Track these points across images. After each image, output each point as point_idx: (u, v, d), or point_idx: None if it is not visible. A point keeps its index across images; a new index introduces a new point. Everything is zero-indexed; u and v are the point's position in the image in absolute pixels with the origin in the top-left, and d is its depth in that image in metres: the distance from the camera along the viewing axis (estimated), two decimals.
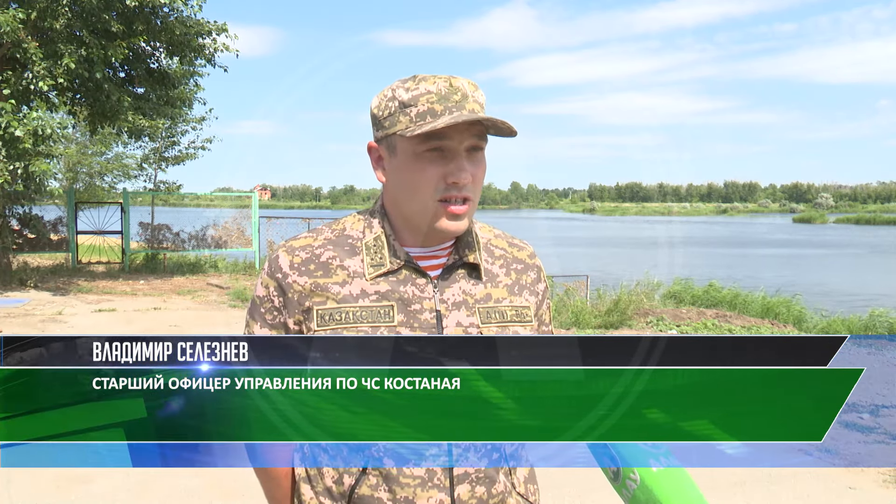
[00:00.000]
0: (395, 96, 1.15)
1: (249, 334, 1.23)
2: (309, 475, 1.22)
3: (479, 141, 1.15)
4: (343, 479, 1.16)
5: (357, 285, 1.18)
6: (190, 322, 9.15)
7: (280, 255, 1.21)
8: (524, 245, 1.35)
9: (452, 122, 1.09)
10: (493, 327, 1.20)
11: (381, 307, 1.16)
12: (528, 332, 1.25)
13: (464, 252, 1.22)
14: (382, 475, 1.13)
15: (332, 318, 1.15)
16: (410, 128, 1.12)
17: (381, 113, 1.17)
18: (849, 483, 4.10)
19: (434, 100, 1.12)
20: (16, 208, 14.14)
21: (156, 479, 3.95)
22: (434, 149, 1.13)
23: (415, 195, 1.16)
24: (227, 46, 13.37)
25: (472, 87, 1.15)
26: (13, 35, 10.61)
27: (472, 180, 1.15)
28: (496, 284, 1.24)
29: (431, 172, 1.14)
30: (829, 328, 10.26)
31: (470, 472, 1.15)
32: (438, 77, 1.14)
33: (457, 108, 1.12)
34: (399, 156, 1.16)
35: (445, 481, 1.14)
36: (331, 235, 1.23)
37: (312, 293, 1.17)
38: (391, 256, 1.19)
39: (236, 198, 17.85)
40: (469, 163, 1.15)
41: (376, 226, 1.22)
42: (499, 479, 1.19)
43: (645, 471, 1.01)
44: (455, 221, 1.16)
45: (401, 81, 1.17)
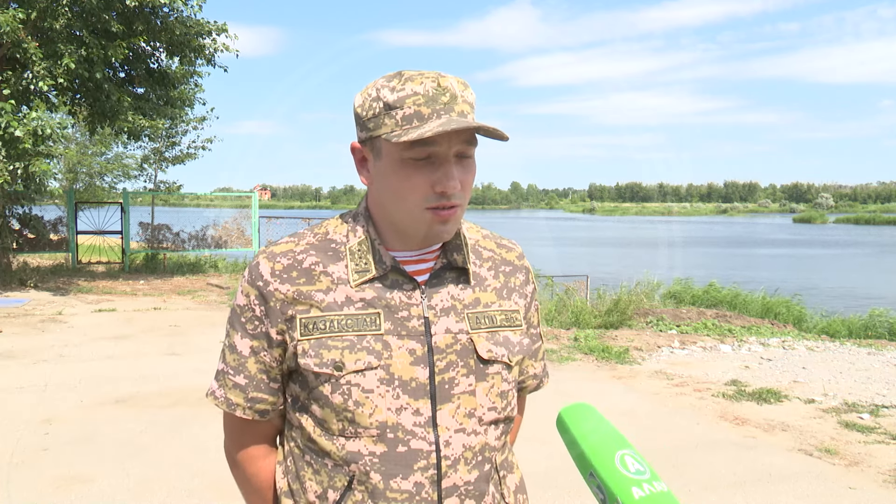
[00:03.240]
0: (379, 96, 1.08)
1: (230, 344, 1.19)
2: (291, 489, 1.17)
3: (469, 146, 1.09)
4: (327, 494, 1.12)
5: (342, 292, 1.13)
6: (190, 322, 9.15)
7: (261, 262, 1.16)
8: (513, 246, 1.30)
9: (441, 130, 1.02)
10: (482, 333, 1.16)
11: (367, 315, 1.11)
12: (518, 336, 1.22)
13: (452, 256, 1.18)
14: (368, 490, 1.09)
15: (317, 327, 1.11)
16: (396, 132, 1.06)
17: (365, 113, 1.10)
18: (849, 483, 4.10)
19: (421, 102, 1.05)
20: (16, 208, 14.14)
21: (156, 479, 3.95)
22: (421, 156, 1.07)
23: (401, 202, 1.10)
24: (227, 46, 13.36)
25: (461, 87, 1.09)
26: (13, 35, 10.60)
27: (461, 187, 1.09)
28: (485, 288, 1.20)
29: (418, 180, 1.08)
30: (829, 328, 10.27)
31: (459, 484, 1.11)
32: (425, 76, 1.07)
33: (445, 111, 1.06)
34: (384, 160, 1.10)
35: (434, 494, 1.10)
36: (313, 240, 1.18)
37: (295, 301, 1.12)
38: (376, 262, 1.14)
39: (236, 198, 17.84)
40: (458, 169, 1.09)
41: (360, 230, 1.17)
42: (489, 492, 1.16)
43: (628, 499, 1.01)
44: (443, 227, 1.11)
45: (385, 79, 1.10)
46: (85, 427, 4.82)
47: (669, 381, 6.39)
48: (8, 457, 4.25)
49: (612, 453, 1.07)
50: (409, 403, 1.10)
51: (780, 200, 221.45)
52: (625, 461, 1.06)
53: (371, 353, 1.10)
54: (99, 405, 5.35)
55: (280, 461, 1.22)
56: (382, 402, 1.09)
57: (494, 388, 1.16)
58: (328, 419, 1.11)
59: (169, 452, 4.37)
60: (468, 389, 1.13)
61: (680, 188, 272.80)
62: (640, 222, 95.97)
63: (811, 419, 5.31)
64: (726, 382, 6.33)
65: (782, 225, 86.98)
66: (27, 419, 4.96)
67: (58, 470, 4.06)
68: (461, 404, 1.13)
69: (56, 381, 6.00)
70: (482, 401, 1.15)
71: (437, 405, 1.11)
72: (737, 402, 5.73)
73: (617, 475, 1.04)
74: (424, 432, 1.10)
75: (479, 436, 1.14)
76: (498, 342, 1.18)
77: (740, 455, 4.51)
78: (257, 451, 1.24)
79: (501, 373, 1.17)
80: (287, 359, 1.16)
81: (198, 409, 5.26)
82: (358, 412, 1.09)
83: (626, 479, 1.03)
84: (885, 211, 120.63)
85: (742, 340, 8.35)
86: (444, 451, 1.11)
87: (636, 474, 1.04)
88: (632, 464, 1.05)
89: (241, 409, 1.19)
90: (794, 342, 8.35)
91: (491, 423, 1.16)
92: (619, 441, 1.10)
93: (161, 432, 4.74)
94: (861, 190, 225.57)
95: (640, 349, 7.73)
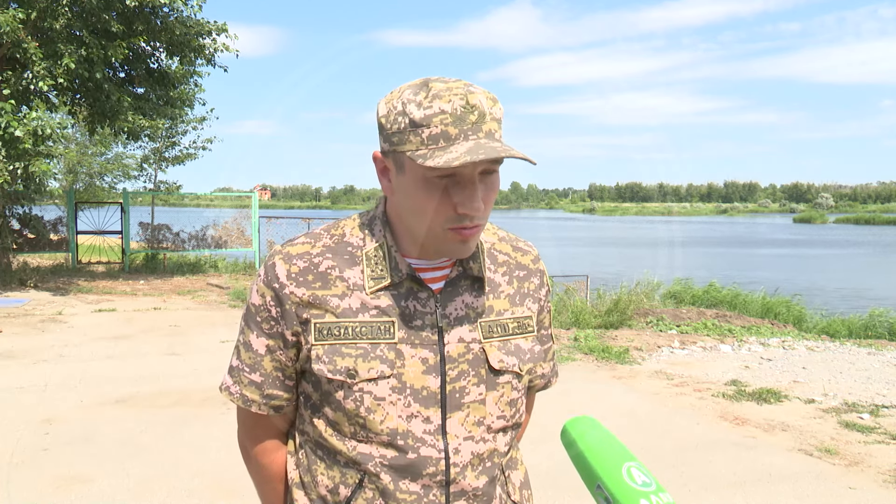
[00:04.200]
0: (405, 111, 1.05)
1: (245, 342, 1.19)
2: (303, 482, 1.19)
3: (494, 164, 1.07)
4: (339, 489, 1.14)
5: (357, 299, 1.12)
6: (190, 322, 9.15)
7: (277, 263, 1.15)
8: (528, 248, 1.30)
9: (468, 161, 0.99)
10: (494, 342, 1.17)
11: (382, 323, 1.11)
12: (529, 343, 1.22)
13: (468, 264, 1.17)
14: (379, 489, 1.11)
15: (331, 333, 1.11)
16: (422, 152, 1.03)
17: (390, 126, 1.07)
18: (849, 483, 4.10)
19: (448, 121, 1.02)
20: (16, 208, 14.14)
21: (156, 479, 3.95)
22: (446, 175, 1.05)
23: (422, 219, 1.09)
24: (227, 46, 13.35)
25: (490, 103, 1.05)
26: (13, 35, 10.60)
27: (484, 205, 1.08)
28: (498, 295, 1.20)
29: (442, 200, 1.06)
30: (828, 328, 10.27)
31: (467, 490, 1.13)
32: (453, 92, 1.03)
33: (472, 132, 1.03)
34: (407, 175, 1.08)
35: (441, 497, 1.11)
36: (329, 242, 1.17)
37: (311, 305, 1.12)
38: (392, 269, 1.14)
39: (236, 198, 17.85)
40: (482, 187, 1.07)
41: (377, 234, 1.16)
42: (496, 495, 1.17)
43: None
44: (463, 246, 1.10)
45: (412, 92, 1.06)
46: (85, 427, 4.82)
47: (669, 381, 6.39)
48: (8, 457, 4.25)
49: (619, 465, 1.08)
50: (420, 411, 1.11)
51: (780, 200, 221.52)
52: (632, 473, 1.07)
53: (384, 362, 1.10)
54: (99, 405, 5.35)
55: (292, 452, 1.24)
56: (394, 409, 1.10)
57: (504, 396, 1.17)
58: (340, 422, 1.12)
59: (169, 452, 4.37)
60: (478, 398, 1.14)
61: (680, 188, 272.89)
62: (640, 222, 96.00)
63: (811, 419, 5.31)
64: (726, 382, 6.33)
65: (782, 225, 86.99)
66: (27, 419, 4.96)
67: (58, 470, 4.06)
68: (471, 413, 1.14)
69: (56, 381, 6.00)
70: (492, 409, 1.16)
71: (447, 413, 1.12)
72: (737, 402, 5.73)
73: (625, 487, 1.05)
74: (434, 440, 1.11)
75: (488, 443, 1.15)
76: (510, 351, 1.18)
77: (740, 455, 4.51)
78: (271, 443, 1.26)
79: (512, 382, 1.18)
80: (301, 360, 1.16)
81: (198, 409, 5.26)
82: (369, 419, 1.10)
83: (634, 491, 1.05)
84: (885, 211, 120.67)
85: (742, 340, 8.35)
86: (452, 459, 1.12)
87: (643, 486, 1.05)
88: (638, 476, 1.07)
89: (256, 406, 1.20)
90: (794, 342, 8.35)
91: (499, 431, 1.17)
92: (625, 454, 1.12)
93: (161, 432, 4.74)
94: (861, 190, 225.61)
95: (640, 349, 7.73)
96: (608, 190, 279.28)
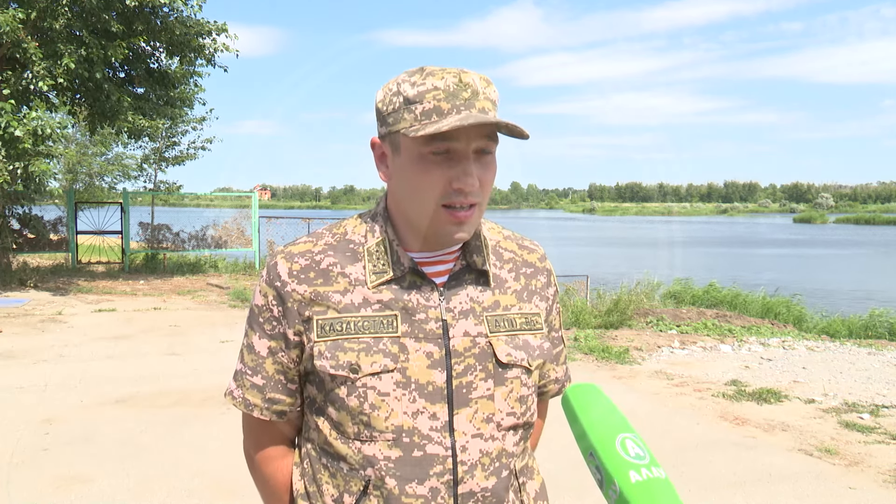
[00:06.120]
0: (399, 91, 1.07)
1: (248, 344, 1.19)
2: (308, 492, 1.17)
3: (489, 142, 1.07)
4: (343, 498, 1.11)
5: (359, 294, 1.11)
6: (190, 322, 9.15)
7: (278, 262, 1.15)
8: (534, 247, 1.28)
9: (458, 125, 1.00)
10: (501, 336, 1.14)
11: (384, 317, 1.10)
12: (538, 339, 1.19)
13: (471, 257, 1.16)
14: (383, 496, 1.08)
15: (333, 329, 1.10)
16: (415, 126, 1.04)
17: (385, 108, 1.09)
18: (849, 483, 4.10)
19: (441, 97, 1.04)
20: (16, 208, 14.14)
21: (156, 479, 3.95)
22: (440, 151, 1.05)
23: (417, 198, 1.09)
24: (227, 46, 13.35)
25: (483, 83, 1.07)
26: (13, 35, 10.60)
27: (480, 185, 1.07)
28: (504, 291, 1.18)
29: (436, 176, 1.06)
30: (829, 328, 10.27)
31: (476, 491, 1.09)
32: (447, 71, 1.06)
33: (465, 107, 1.04)
34: (403, 155, 1.08)
35: (449, 500, 1.08)
36: (331, 240, 1.16)
37: (312, 302, 1.11)
38: (394, 263, 1.12)
39: (236, 198, 17.85)
40: (477, 166, 1.07)
41: (378, 230, 1.15)
42: (507, 499, 1.13)
43: (625, 482, 1.01)
44: (459, 228, 1.09)
45: (407, 74, 1.09)
46: (85, 427, 4.82)
47: (669, 381, 6.39)
48: (8, 457, 4.25)
49: (613, 436, 1.07)
50: (426, 407, 1.08)
51: (780, 200, 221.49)
52: (625, 445, 1.06)
53: (387, 356, 1.08)
54: (99, 405, 5.35)
55: (297, 462, 1.22)
56: (398, 405, 1.08)
57: (513, 392, 1.14)
58: (344, 422, 1.10)
59: (169, 452, 4.37)
60: (486, 394, 1.12)
61: (680, 188, 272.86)
62: (640, 222, 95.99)
63: (811, 419, 5.31)
64: (726, 382, 6.33)
65: (782, 225, 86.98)
66: (27, 419, 4.96)
67: (58, 470, 4.06)
68: (479, 409, 1.11)
69: (56, 381, 6.00)
70: (500, 406, 1.13)
71: (454, 409, 1.09)
72: (737, 402, 5.73)
73: (616, 458, 1.04)
74: (441, 437, 1.08)
75: (497, 441, 1.12)
76: (518, 346, 1.15)
77: (740, 455, 4.51)
78: (275, 451, 1.23)
79: (521, 377, 1.15)
80: (304, 360, 1.15)
81: (198, 409, 5.26)
82: (374, 416, 1.08)
83: (625, 462, 1.03)
84: (885, 211, 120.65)
85: (742, 340, 8.35)
86: (460, 457, 1.09)
87: (636, 458, 1.03)
88: (632, 448, 1.05)
89: (258, 410, 1.18)
90: (795, 342, 8.35)
91: (509, 429, 1.14)
92: (623, 425, 1.10)
93: (161, 432, 4.74)
94: (861, 190, 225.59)
95: (640, 349, 7.73)
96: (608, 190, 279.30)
